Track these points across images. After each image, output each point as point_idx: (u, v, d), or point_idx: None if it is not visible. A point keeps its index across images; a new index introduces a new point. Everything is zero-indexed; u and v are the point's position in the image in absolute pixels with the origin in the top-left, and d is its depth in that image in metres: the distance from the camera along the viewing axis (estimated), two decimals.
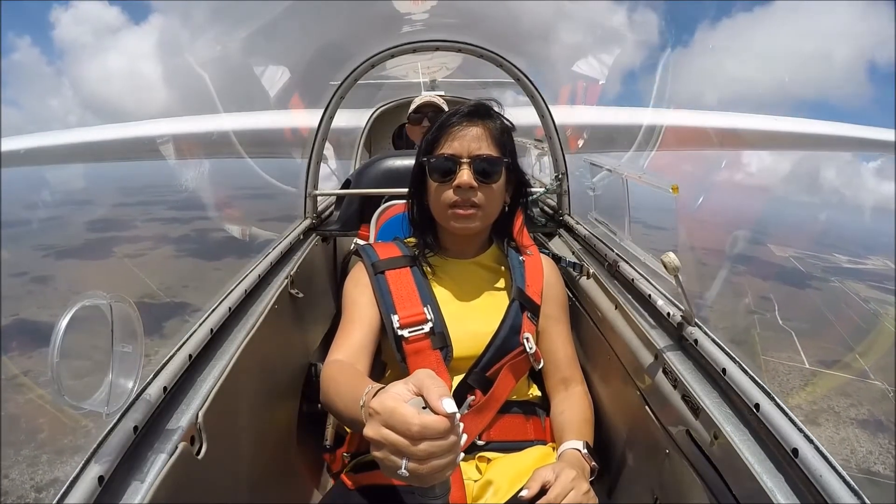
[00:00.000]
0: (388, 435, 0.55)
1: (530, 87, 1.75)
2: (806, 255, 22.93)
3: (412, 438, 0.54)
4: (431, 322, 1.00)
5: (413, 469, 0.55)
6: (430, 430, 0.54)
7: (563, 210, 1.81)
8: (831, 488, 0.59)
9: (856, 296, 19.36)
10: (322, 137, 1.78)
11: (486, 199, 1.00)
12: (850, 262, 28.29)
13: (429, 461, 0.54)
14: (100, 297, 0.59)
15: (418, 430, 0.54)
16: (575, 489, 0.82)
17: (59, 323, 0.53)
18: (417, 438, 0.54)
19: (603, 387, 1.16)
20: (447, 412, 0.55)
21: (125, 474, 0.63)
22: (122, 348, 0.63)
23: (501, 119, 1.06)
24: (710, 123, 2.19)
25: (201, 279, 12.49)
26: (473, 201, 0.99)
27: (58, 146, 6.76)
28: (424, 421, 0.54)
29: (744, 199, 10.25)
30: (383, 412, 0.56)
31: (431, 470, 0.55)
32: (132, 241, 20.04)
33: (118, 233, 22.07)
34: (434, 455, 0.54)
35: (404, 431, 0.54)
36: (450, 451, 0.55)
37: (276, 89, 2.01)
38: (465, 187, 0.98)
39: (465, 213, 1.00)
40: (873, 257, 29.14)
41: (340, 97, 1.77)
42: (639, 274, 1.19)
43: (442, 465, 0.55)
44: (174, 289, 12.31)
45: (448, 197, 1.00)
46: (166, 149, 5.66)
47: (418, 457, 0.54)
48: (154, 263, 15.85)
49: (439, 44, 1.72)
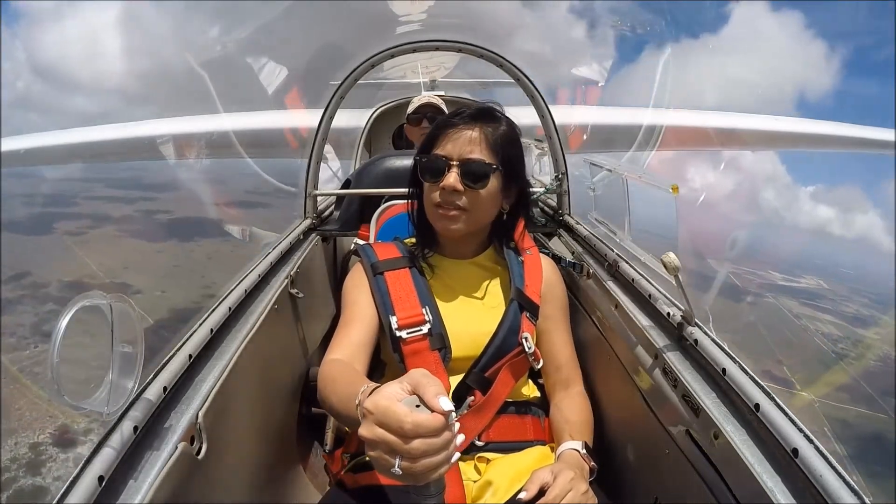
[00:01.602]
0: (382, 434, 0.56)
1: (530, 87, 1.75)
2: (744, 270, 23.65)
3: (405, 436, 0.54)
4: (430, 323, 1.00)
5: (406, 467, 0.55)
6: (423, 427, 0.54)
7: (563, 210, 1.81)
8: (831, 488, 0.59)
9: (788, 311, 20.93)
10: (322, 137, 1.78)
11: (471, 204, 0.99)
12: (784, 279, 30.41)
13: (422, 459, 0.55)
14: (100, 298, 0.59)
15: (410, 427, 0.54)
16: (573, 490, 0.82)
17: (60, 323, 0.53)
18: (410, 436, 0.54)
19: (603, 387, 1.16)
20: (444, 409, 0.55)
21: (125, 474, 0.63)
22: (122, 348, 0.63)
23: (506, 126, 1.03)
24: (709, 123, 2.19)
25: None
26: (457, 204, 0.98)
27: (57, 146, 6.75)
28: (417, 419, 0.55)
29: (691, 214, 10.53)
30: (376, 411, 0.57)
31: (425, 468, 0.55)
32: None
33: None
34: (427, 453, 0.55)
35: (397, 430, 0.55)
36: (443, 450, 0.56)
37: (266, 83, 2.01)
38: (448, 190, 0.97)
39: (448, 214, 1.00)
40: (807, 276, 30.65)
41: (340, 97, 1.77)
42: (639, 274, 1.19)
43: (435, 463, 0.55)
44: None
45: (435, 197, 1.00)
46: (166, 149, 5.64)
47: (411, 455, 0.55)
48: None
49: (439, 44, 1.72)
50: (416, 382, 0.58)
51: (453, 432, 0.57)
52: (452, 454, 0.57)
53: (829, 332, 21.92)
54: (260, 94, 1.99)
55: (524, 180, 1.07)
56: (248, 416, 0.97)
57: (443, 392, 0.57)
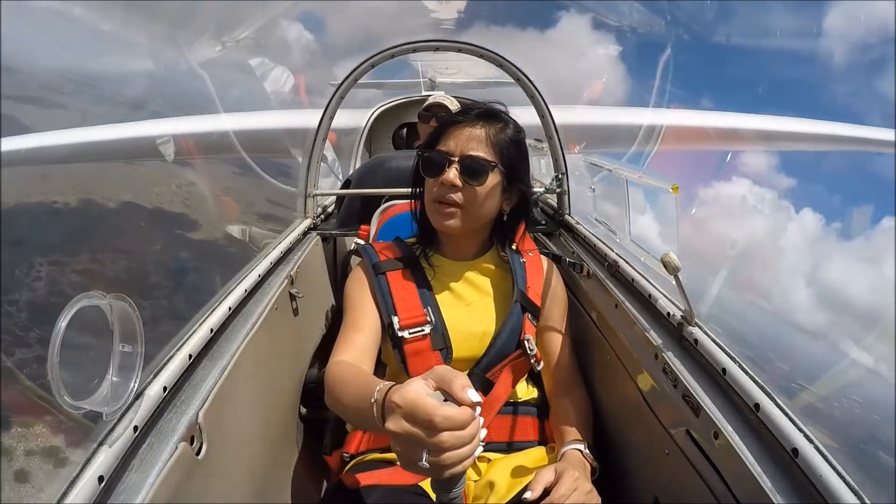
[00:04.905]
0: (410, 427, 0.56)
1: (530, 87, 1.75)
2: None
3: (434, 430, 0.55)
4: (431, 323, 1.00)
5: (434, 461, 0.55)
6: (453, 420, 0.55)
7: (563, 210, 1.81)
8: (831, 488, 0.59)
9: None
10: (322, 137, 1.78)
11: (467, 200, 0.99)
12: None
13: (449, 452, 0.55)
14: (99, 297, 0.59)
15: (441, 420, 0.55)
16: (578, 489, 0.83)
17: (59, 323, 0.53)
18: (439, 430, 0.55)
19: (603, 387, 1.16)
20: (472, 402, 0.56)
21: (125, 474, 0.63)
22: (122, 348, 0.63)
23: (512, 128, 1.03)
24: (708, 122, 2.19)
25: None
26: (454, 199, 0.98)
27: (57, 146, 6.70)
28: (446, 412, 0.55)
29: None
30: (405, 405, 0.57)
31: (452, 461, 0.56)
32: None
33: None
34: (455, 446, 0.55)
35: (427, 423, 0.55)
36: (469, 442, 0.56)
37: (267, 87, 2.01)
38: (447, 185, 0.97)
39: (445, 210, 1.00)
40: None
41: (340, 97, 1.77)
42: (639, 274, 1.19)
43: (462, 455, 0.56)
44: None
45: (434, 193, 1.00)
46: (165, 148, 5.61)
47: (440, 448, 0.55)
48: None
49: (439, 44, 1.72)
50: (440, 377, 0.59)
51: (479, 425, 0.58)
52: (477, 447, 0.58)
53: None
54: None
55: (526, 183, 1.06)
56: (248, 417, 0.97)
57: (469, 385, 0.58)
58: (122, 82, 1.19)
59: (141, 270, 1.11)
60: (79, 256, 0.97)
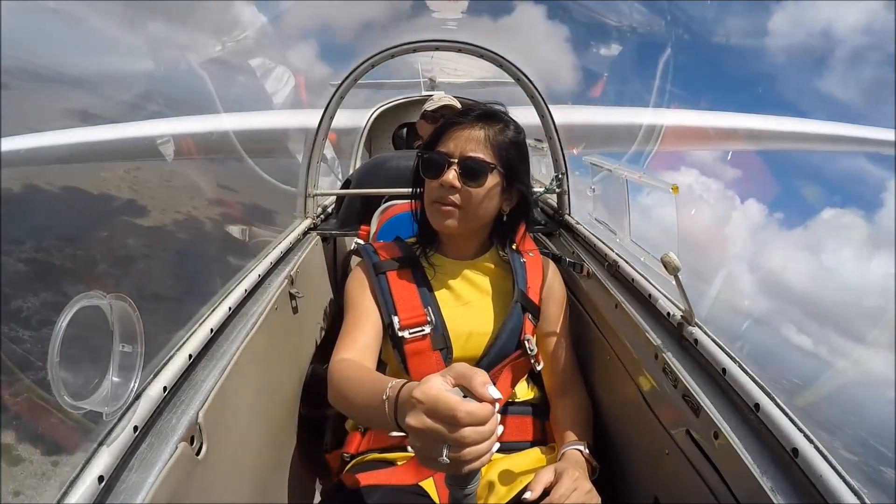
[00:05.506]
0: (432, 423, 0.56)
1: (530, 87, 1.75)
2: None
3: (457, 425, 0.55)
4: (432, 323, 1.00)
5: (455, 456, 0.56)
6: (475, 416, 0.55)
7: (563, 210, 1.81)
8: (831, 488, 0.59)
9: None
10: (322, 137, 1.78)
11: (466, 201, 0.99)
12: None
13: (470, 448, 0.56)
14: (99, 297, 0.59)
15: (464, 416, 0.55)
16: (578, 489, 0.83)
17: (59, 323, 0.53)
18: (461, 425, 0.55)
19: (603, 387, 1.16)
20: (493, 398, 0.57)
21: (125, 474, 0.63)
22: (122, 348, 0.63)
23: (512, 130, 1.03)
24: (707, 122, 2.19)
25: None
26: (452, 200, 0.98)
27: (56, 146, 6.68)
28: (469, 408, 0.55)
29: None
30: (427, 401, 0.57)
31: (472, 456, 0.56)
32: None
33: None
34: (476, 441, 0.56)
35: (450, 418, 0.55)
36: (489, 437, 0.57)
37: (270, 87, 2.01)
38: (446, 186, 0.97)
39: (443, 210, 1.00)
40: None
41: (340, 97, 1.77)
42: (639, 274, 1.19)
43: (482, 450, 0.56)
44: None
45: (433, 193, 1.00)
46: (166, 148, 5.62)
47: (462, 443, 0.55)
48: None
49: (439, 44, 1.72)
50: (460, 374, 0.59)
51: (497, 421, 0.58)
52: (495, 442, 0.58)
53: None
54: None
55: (526, 184, 1.05)
56: (248, 416, 0.97)
57: (489, 382, 0.58)
58: (122, 82, 1.19)
59: (141, 270, 1.11)
60: (79, 256, 0.97)
